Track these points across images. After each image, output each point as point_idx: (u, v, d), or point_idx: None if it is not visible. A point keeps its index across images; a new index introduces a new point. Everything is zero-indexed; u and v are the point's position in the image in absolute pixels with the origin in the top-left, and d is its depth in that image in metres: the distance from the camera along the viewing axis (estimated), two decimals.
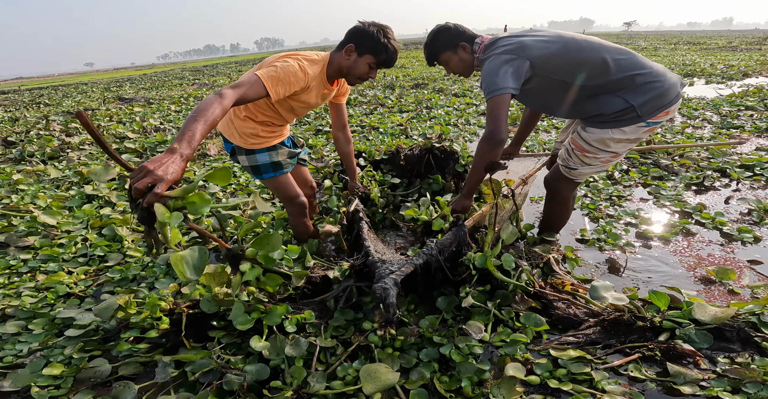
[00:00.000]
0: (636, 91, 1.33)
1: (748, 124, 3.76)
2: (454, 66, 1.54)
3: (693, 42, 20.10)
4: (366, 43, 1.39)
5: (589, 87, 1.36)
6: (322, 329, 1.39)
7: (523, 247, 1.79)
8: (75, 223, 2.42)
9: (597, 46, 1.38)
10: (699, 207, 2.14)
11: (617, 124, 1.39)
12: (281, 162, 1.68)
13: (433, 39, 1.53)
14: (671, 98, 1.34)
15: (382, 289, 1.18)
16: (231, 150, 1.65)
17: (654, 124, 1.38)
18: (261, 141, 1.59)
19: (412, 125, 4.49)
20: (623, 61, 1.35)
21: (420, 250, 1.42)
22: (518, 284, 1.44)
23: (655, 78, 1.33)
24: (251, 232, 2.18)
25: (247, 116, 1.55)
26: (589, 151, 1.49)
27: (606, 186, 2.53)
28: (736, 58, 10.23)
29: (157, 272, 1.86)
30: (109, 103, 8.74)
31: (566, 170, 1.61)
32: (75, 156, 3.92)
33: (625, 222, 2.11)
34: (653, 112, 1.34)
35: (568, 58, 1.33)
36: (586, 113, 1.44)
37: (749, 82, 6.39)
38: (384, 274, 1.27)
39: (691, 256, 1.77)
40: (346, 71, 1.46)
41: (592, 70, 1.33)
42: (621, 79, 1.34)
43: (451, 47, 1.49)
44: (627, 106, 1.34)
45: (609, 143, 1.44)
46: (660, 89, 1.32)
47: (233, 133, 1.58)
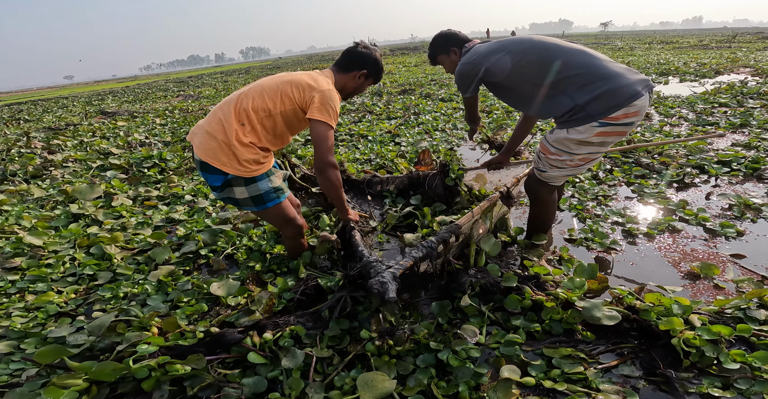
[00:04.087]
0: (581, 91, 1.39)
1: (722, 120, 3.91)
2: (447, 66, 1.83)
3: (666, 41, 20.80)
4: (373, 69, 1.64)
5: (545, 86, 1.46)
6: (317, 340, 1.40)
7: (516, 253, 1.82)
8: (62, 242, 2.37)
9: (551, 46, 1.49)
10: (682, 204, 2.21)
11: (572, 124, 1.43)
12: (281, 186, 1.61)
13: (433, 42, 1.83)
14: (624, 97, 1.33)
15: (380, 284, 1.14)
16: (222, 183, 1.47)
17: (611, 125, 1.38)
18: (260, 167, 1.50)
19: (401, 132, 4.54)
20: (573, 61, 1.43)
21: (419, 243, 1.42)
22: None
23: (602, 77, 1.37)
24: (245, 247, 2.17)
25: (252, 142, 1.45)
26: (552, 152, 1.54)
27: (592, 186, 2.60)
28: (707, 56, 10.61)
29: (149, 289, 1.84)
30: (92, 118, 8.58)
31: (538, 173, 1.66)
32: (59, 174, 3.83)
33: (612, 221, 2.16)
34: (604, 111, 1.36)
35: (519, 60, 1.50)
36: (549, 113, 1.52)
37: (721, 80, 6.64)
38: (380, 270, 1.25)
39: (676, 252, 1.83)
40: (352, 91, 1.66)
41: (541, 71, 1.46)
42: (567, 78, 1.41)
43: (445, 51, 1.79)
44: (573, 105, 1.40)
45: (569, 145, 1.47)
46: (605, 88, 1.34)
47: (231, 161, 1.42)
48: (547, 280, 1.61)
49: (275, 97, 1.47)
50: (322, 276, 1.73)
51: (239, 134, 1.43)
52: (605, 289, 1.55)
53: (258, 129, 1.47)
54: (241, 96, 1.49)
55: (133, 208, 2.81)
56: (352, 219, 1.78)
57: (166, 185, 3.24)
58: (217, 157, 1.42)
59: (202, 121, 1.53)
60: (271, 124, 1.49)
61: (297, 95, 1.47)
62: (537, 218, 1.86)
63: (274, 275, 1.91)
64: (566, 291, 1.50)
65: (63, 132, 6.53)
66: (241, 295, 1.70)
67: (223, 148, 1.42)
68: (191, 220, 2.54)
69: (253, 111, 1.45)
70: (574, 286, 1.51)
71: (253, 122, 1.46)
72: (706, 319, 1.33)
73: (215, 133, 1.43)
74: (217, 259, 2.07)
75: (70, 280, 2.01)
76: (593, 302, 1.40)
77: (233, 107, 1.45)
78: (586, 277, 1.54)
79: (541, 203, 1.77)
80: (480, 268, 1.67)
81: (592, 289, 1.56)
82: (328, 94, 1.46)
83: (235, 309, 1.61)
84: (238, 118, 1.44)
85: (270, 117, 1.47)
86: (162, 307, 1.70)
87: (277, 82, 1.50)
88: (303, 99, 1.47)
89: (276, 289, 1.70)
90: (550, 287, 1.60)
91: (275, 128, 1.51)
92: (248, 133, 1.45)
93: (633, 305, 1.45)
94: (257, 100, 1.46)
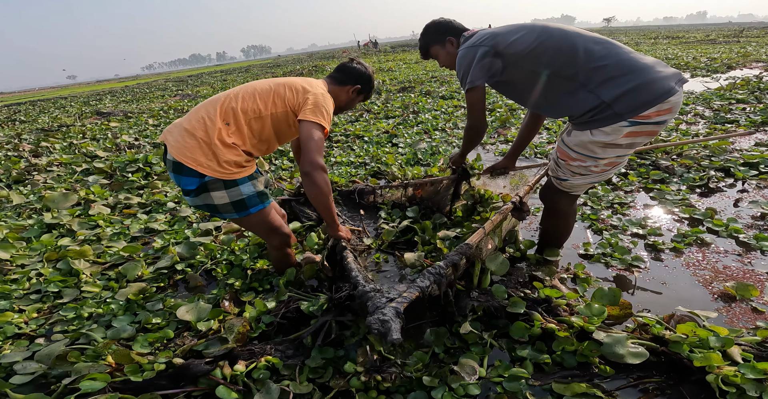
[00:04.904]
0: (607, 85, 1.19)
1: (742, 118, 3.67)
2: (443, 59, 1.58)
3: (671, 36, 20.41)
4: (366, 86, 1.62)
5: (561, 78, 1.26)
6: (297, 371, 1.25)
7: (525, 269, 1.62)
8: (32, 255, 2.21)
9: (570, 33, 1.28)
10: (709, 212, 1.99)
11: (596, 124, 1.23)
12: (265, 191, 1.48)
13: (424, 33, 1.60)
14: (658, 93, 1.15)
15: (380, 323, 0.95)
16: (197, 186, 1.32)
17: (642, 125, 1.19)
18: (242, 170, 1.37)
19: (399, 132, 4.33)
20: (597, 50, 1.22)
21: (425, 270, 1.23)
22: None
23: (631, 69, 1.17)
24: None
25: (235, 143, 1.34)
26: (574, 158, 1.33)
27: (606, 192, 2.38)
28: (716, 51, 10.31)
29: (115, 309, 1.67)
30: (86, 119, 8.43)
31: (557, 182, 1.46)
32: (41, 179, 3.66)
33: (631, 233, 1.95)
34: (636, 109, 1.16)
35: (536, 45, 1.27)
36: (566, 111, 1.31)
37: (734, 74, 6.39)
38: (380, 304, 1.05)
39: (706, 270, 1.61)
40: (344, 105, 1.62)
41: (560, 59, 1.24)
42: (591, 70, 1.21)
43: (440, 41, 1.55)
44: (598, 102, 1.19)
45: (593, 148, 1.27)
46: (636, 82, 1.15)
47: (210, 161, 1.29)
48: (559, 305, 1.42)
49: (267, 98, 1.40)
50: (306, 298, 1.54)
51: (222, 133, 1.32)
52: (628, 316, 1.35)
53: (244, 131, 1.37)
54: (230, 95, 1.41)
55: (111, 217, 2.63)
56: (344, 237, 1.59)
57: (149, 191, 3.06)
58: (193, 157, 1.29)
59: (181, 119, 1.41)
60: (259, 126, 1.39)
61: (290, 96, 1.40)
62: (553, 232, 1.66)
63: (255, 294, 1.73)
64: (582, 319, 1.30)
65: (54, 134, 6.37)
66: (215, 318, 1.53)
67: (202, 147, 1.29)
68: (171, 231, 2.36)
69: (241, 111, 1.37)
70: (592, 314, 1.32)
71: (240, 123, 1.36)
72: (750, 356, 1.13)
73: (195, 130, 1.32)
74: (194, 275, 1.89)
75: (33, 298, 1.85)
76: (616, 337, 1.21)
77: (219, 106, 1.37)
78: (606, 303, 1.34)
79: (559, 215, 1.57)
80: (484, 289, 1.48)
81: (612, 315, 1.36)
82: (322, 97, 1.41)
83: (205, 335, 1.44)
84: (223, 117, 1.35)
85: (259, 119, 1.39)
86: (128, 329, 1.55)
87: (271, 83, 1.44)
88: (296, 101, 1.40)
89: (254, 311, 1.53)
90: (562, 312, 1.41)
91: (262, 132, 1.41)
92: (232, 133, 1.35)
93: (661, 336, 1.26)
94: (247, 101, 1.39)
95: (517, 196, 1.49)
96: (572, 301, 1.43)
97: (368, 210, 2.29)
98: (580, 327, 1.29)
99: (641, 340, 1.25)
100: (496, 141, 3.87)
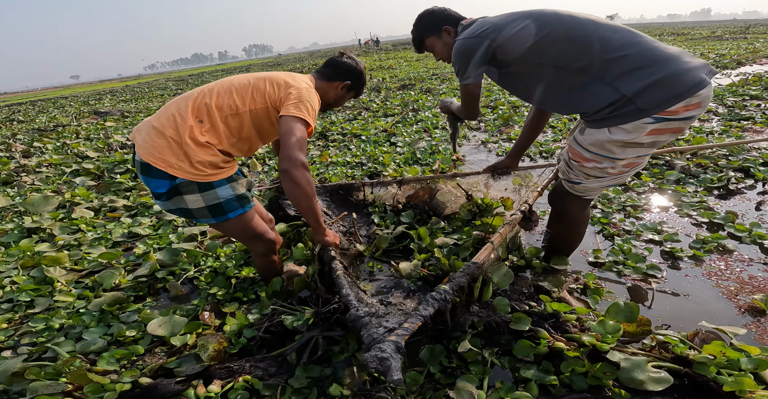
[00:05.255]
0: (627, 78, 1.05)
1: (757, 114, 3.51)
2: (440, 51, 1.45)
3: (676, 33, 20.11)
4: (357, 82, 1.51)
5: (572, 71, 1.12)
6: (278, 392, 1.14)
7: (530, 279, 1.48)
8: (9, 261, 2.09)
9: (582, 21, 1.13)
10: (730, 216, 1.83)
11: (615, 121, 1.09)
12: (246, 194, 1.35)
13: (418, 23, 1.46)
14: (687, 86, 1.01)
15: (379, 361, 0.83)
16: (168, 189, 1.21)
17: (668, 121, 1.06)
18: (218, 172, 1.26)
19: (398, 130, 4.19)
20: (615, 39, 1.08)
21: (429, 295, 1.10)
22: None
23: (655, 60, 1.04)
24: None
25: (209, 142, 1.22)
26: (588, 159, 1.19)
27: (617, 194, 2.22)
28: (724, 47, 10.11)
29: (86, 321, 1.56)
30: (83, 118, 8.34)
31: (569, 185, 1.31)
32: (29, 180, 3.55)
33: (646, 239, 1.79)
34: (661, 104, 1.03)
35: (543, 35, 1.14)
36: (579, 107, 1.17)
37: (745, 71, 6.20)
38: (378, 336, 0.92)
39: (730, 280, 1.47)
40: (333, 102, 1.52)
41: (571, 50, 1.11)
42: (608, 61, 1.07)
43: (435, 31, 1.42)
44: (618, 96, 1.06)
45: (611, 147, 1.13)
46: (662, 74, 1.02)
47: (181, 162, 1.18)
48: (568, 320, 1.28)
49: (245, 93, 1.28)
50: (291, 311, 1.42)
51: (194, 131, 1.20)
52: (646, 334, 1.21)
53: (220, 128, 1.25)
54: (204, 91, 1.29)
55: (94, 221, 2.51)
56: (330, 242, 1.46)
57: (136, 193, 2.94)
58: (163, 158, 1.18)
59: (151, 117, 1.29)
60: (237, 124, 1.28)
61: (271, 92, 1.29)
62: (562, 239, 1.52)
63: (238, 304, 1.61)
64: (595, 337, 1.17)
65: (48, 134, 6.28)
66: (192, 331, 1.41)
67: (173, 146, 1.19)
68: (154, 236, 2.23)
69: (216, 108, 1.25)
70: (606, 331, 1.18)
71: (215, 120, 1.25)
72: None
73: (164, 129, 1.21)
74: (174, 284, 1.77)
75: (5, 308, 1.75)
76: (634, 360, 1.07)
77: (192, 102, 1.26)
78: (622, 320, 1.20)
79: (570, 222, 1.43)
80: (485, 302, 1.35)
81: (628, 332, 1.22)
82: (307, 92, 1.29)
83: (180, 351, 1.33)
84: (195, 114, 1.24)
85: (236, 116, 1.27)
86: (99, 342, 1.43)
87: (250, 78, 1.33)
88: (278, 96, 1.29)
89: (235, 325, 1.40)
90: (572, 328, 1.27)
91: (241, 130, 1.29)
92: (206, 131, 1.23)
93: (685, 356, 1.12)
94: (223, 97, 1.27)
95: (526, 204, 1.34)
96: (583, 315, 1.30)
97: (359, 211, 2.15)
98: (592, 346, 1.16)
99: (662, 362, 1.11)
100: (499, 139, 3.72)
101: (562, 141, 3.48)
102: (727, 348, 1.08)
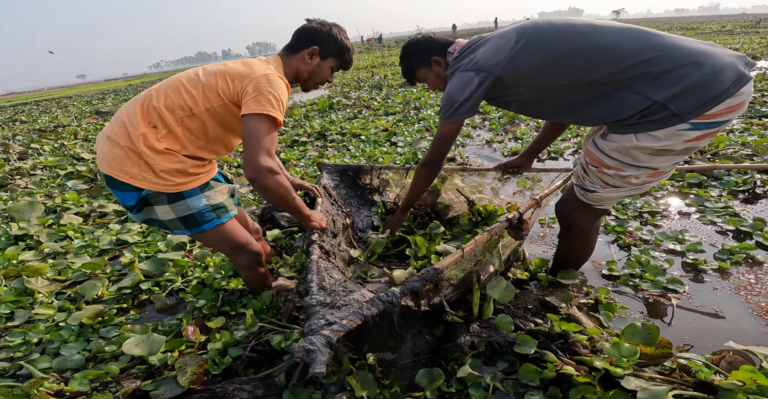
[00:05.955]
0: (656, 83, 0.93)
1: None
2: (433, 83, 1.36)
3: (685, 27, 19.69)
4: (330, 46, 1.27)
5: (586, 84, 1.01)
6: None
7: (535, 293, 1.37)
8: None
9: (583, 28, 1.01)
10: (759, 224, 1.68)
11: (645, 127, 0.98)
12: (223, 203, 1.25)
13: (404, 55, 1.36)
14: (726, 85, 0.89)
15: (306, 352, 0.85)
16: (137, 201, 1.14)
17: (708, 127, 0.95)
18: (188, 180, 1.16)
19: (399, 129, 4.07)
20: (628, 45, 0.96)
21: (375, 296, 1.04)
22: None
23: (685, 59, 0.92)
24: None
25: (169, 148, 1.12)
26: (609, 166, 1.08)
27: (633, 199, 2.07)
28: (736, 42, 9.82)
29: (65, 335, 1.49)
30: (85, 118, 8.32)
31: (582, 192, 1.19)
32: (23, 183, 3.49)
33: (666, 249, 1.65)
34: (698, 107, 0.91)
35: (543, 55, 1.03)
36: (603, 119, 1.06)
37: (761, 65, 5.98)
38: (317, 328, 0.93)
39: (761, 295, 1.33)
40: (307, 76, 1.30)
41: (581, 64, 0.99)
42: (628, 69, 0.95)
43: (425, 63, 1.32)
44: (649, 103, 0.94)
45: (636, 154, 1.02)
46: (697, 75, 0.90)
47: (144, 172, 1.10)
48: (578, 340, 1.17)
49: (196, 91, 1.15)
50: (279, 329, 1.33)
51: (149, 139, 1.10)
52: (666, 357, 1.09)
53: (178, 132, 1.14)
54: (150, 92, 1.17)
55: (82, 227, 2.44)
56: (317, 226, 1.39)
57: None
58: (123, 169, 1.10)
59: (105, 127, 1.19)
60: (198, 125, 1.16)
61: (224, 87, 1.13)
62: (570, 252, 1.40)
63: (226, 318, 1.52)
64: (608, 360, 1.06)
65: (47, 134, 6.25)
66: (174, 348, 1.32)
67: (131, 156, 1.10)
68: (142, 243, 2.15)
69: (166, 110, 1.13)
70: (621, 355, 1.07)
71: (170, 124, 1.13)
72: None
73: (118, 138, 1.12)
74: (159, 296, 1.68)
75: None
76: (653, 390, 0.96)
77: (139, 106, 1.14)
78: (639, 343, 1.08)
79: (578, 234, 1.31)
80: (486, 321, 1.24)
81: (646, 354, 1.10)
82: (265, 79, 1.11)
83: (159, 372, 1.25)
84: (147, 119, 1.13)
85: (193, 116, 1.15)
86: (76, 358, 1.36)
87: (200, 73, 1.18)
88: (233, 91, 1.13)
89: (220, 343, 1.31)
90: (582, 350, 1.16)
91: (205, 131, 1.17)
92: (163, 137, 1.12)
93: (709, 382, 1.01)
94: (172, 97, 1.14)
95: (517, 212, 1.23)
96: (595, 336, 1.18)
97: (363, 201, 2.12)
98: (605, 370, 1.05)
99: (684, 389, 1.00)
100: (504, 138, 3.59)
101: (572, 139, 3.34)
102: (757, 373, 0.96)
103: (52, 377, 1.27)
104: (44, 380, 1.22)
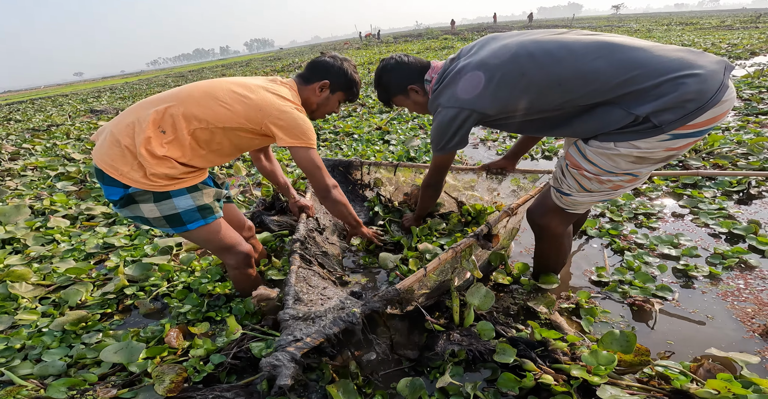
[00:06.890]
0: (640, 100, 0.93)
1: None
2: (412, 108, 1.41)
3: (685, 22, 19.54)
4: (339, 80, 1.37)
5: (574, 107, 1.02)
6: None
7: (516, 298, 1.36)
8: None
9: (560, 52, 1.00)
10: (752, 227, 1.65)
11: (626, 137, 0.98)
12: (209, 205, 1.26)
13: (379, 84, 1.39)
14: (708, 95, 0.88)
15: (272, 367, 0.93)
16: (121, 197, 1.16)
17: (689, 137, 0.95)
18: (177, 182, 1.18)
19: (392, 127, 4.05)
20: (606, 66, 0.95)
21: (338, 316, 1.09)
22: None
23: (667, 76, 0.90)
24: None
25: (168, 155, 1.14)
26: (588, 170, 1.07)
27: (628, 199, 2.04)
28: (735, 37, 9.75)
29: (47, 341, 1.49)
30: (79, 117, 8.26)
31: (557, 195, 1.19)
32: (13, 185, 3.47)
33: (660, 253, 1.61)
34: (680, 119, 0.91)
35: (529, 88, 1.04)
36: (584, 134, 1.06)
37: (760, 61, 5.93)
38: (283, 343, 1.00)
39: (748, 301, 1.32)
40: (316, 107, 1.41)
41: (558, 91, 1.00)
42: (611, 90, 0.95)
43: (401, 91, 1.35)
44: (632, 118, 0.94)
45: (616, 160, 1.02)
46: (679, 90, 0.88)
47: (134, 172, 1.12)
48: (559, 347, 1.16)
49: (219, 108, 1.17)
50: (261, 336, 1.32)
51: (152, 143, 1.12)
52: (645, 364, 1.09)
53: (185, 141, 1.15)
54: (172, 97, 1.19)
55: (69, 230, 2.42)
56: (371, 236, 1.66)
57: None
58: (115, 166, 1.12)
59: (114, 119, 1.21)
60: (207, 137, 1.19)
61: (254, 116, 1.19)
62: (545, 257, 1.39)
63: (210, 324, 1.51)
64: (585, 369, 1.05)
65: (41, 134, 6.21)
66: (156, 355, 1.32)
67: (126, 156, 1.12)
68: (129, 247, 2.13)
69: (184, 118, 1.15)
70: (599, 363, 1.06)
71: (180, 132, 1.15)
72: None
73: (120, 136, 1.14)
74: (144, 301, 1.67)
75: None
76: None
77: (155, 110, 1.15)
78: (617, 350, 1.08)
79: (550, 238, 1.30)
80: (466, 329, 1.23)
81: (624, 361, 1.10)
82: (299, 118, 1.23)
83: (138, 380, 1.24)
84: (158, 123, 1.14)
85: (207, 130, 1.18)
86: (58, 365, 1.36)
87: (229, 94, 1.20)
88: (260, 121, 1.20)
89: (202, 350, 1.31)
90: (562, 356, 1.15)
91: (210, 143, 1.20)
92: (168, 143, 1.14)
93: (685, 390, 1.01)
94: (194, 107, 1.16)
95: (486, 225, 1.24)
96: (577, 342, 1.18)
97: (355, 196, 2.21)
98: (583, 379, 1.04)
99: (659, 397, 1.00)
100: (499, 136, 3.57)
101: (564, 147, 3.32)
102: (733, 382, 0.96)
103: (32, 384, 1.26)
104: (22, 388, 1.22)
